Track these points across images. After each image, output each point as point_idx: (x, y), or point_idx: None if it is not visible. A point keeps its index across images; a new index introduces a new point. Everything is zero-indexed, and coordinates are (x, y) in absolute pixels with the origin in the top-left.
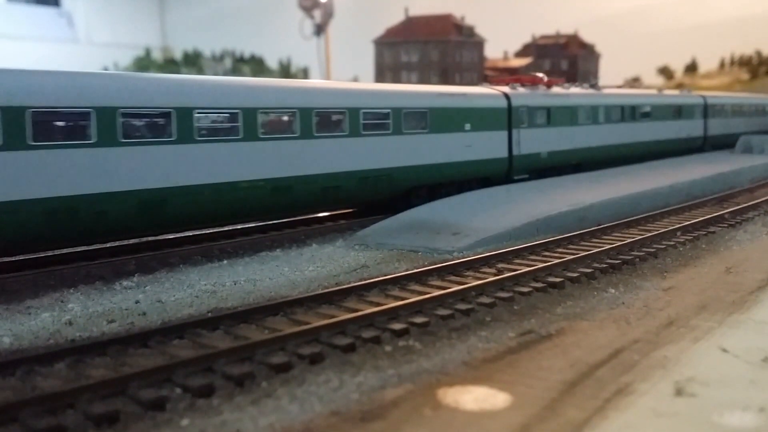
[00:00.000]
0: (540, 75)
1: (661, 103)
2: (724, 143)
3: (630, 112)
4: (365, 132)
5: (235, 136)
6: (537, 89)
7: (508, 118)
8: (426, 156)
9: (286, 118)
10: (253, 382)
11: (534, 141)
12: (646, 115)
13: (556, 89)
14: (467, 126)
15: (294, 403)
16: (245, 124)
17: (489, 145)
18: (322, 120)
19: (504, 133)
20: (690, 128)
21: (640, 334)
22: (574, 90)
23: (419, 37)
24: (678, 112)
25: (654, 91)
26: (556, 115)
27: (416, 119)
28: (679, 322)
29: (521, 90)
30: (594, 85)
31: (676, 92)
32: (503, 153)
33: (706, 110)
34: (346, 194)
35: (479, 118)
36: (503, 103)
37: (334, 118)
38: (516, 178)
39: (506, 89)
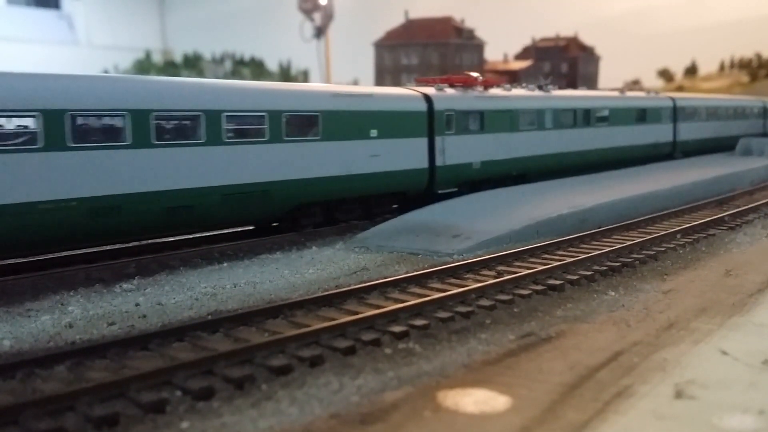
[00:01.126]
0: (475, 74)
1: (621, 106)
2: (699, 149)
3: (584, 117)
4: (230, 140)
5: (34, 144)
6: (470, 90)
7: (429, 123)
8: (317, 168)
9: (114, 123)
10: (253, 385)
11: (463, 149)
12: (603, 120)
13: (494, 91)
14: (373, 132)
15: (294, 406)
16: (48, 130)
17: (403, 155)
18: (165, 125)
19: (423, 141)
20: (656, 133)
21: (640, 336)
22: (518, 92)
23: (419, 39)
24: (642, 115)
25: (615, 93)
26: (491, 120)
27: (304, 124)
28: (678, 324)
29: (449, 92)
30: (542, 87)
31: (641, 94)
32: (422, 163)
33: (676, 113)
34: (202, 215)
35: (389, 123)
36: (422, 107)
37: (186, 122)
38: (440, 192)
39: (428, 90)
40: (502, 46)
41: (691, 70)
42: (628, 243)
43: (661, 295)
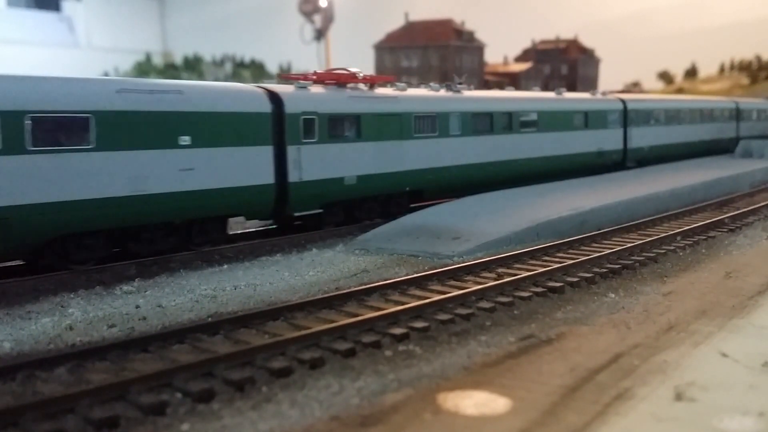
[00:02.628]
0: (355, 70)
1: (554, 110)
2: (656, 158)
3: (504, 121)
4: None
5: None
6: (345, 89)
7: (278, 128)
8: (89, 187)
9: None
10: (253, 387)
11: (331, 162)
12: (530, 125)
13: (381, 90)
14: (184, 139)
15: (294, 408)
16: None
17: (233, 169)
18: None
19: (267, 151)
20: (601, 140)
21: (640, 338)
22: (414, 92)
23: (419, 41)
24: (583, 120)
25: (551, 95)
26: (372, 126)
27: (67, 130)
28: (679, 326)
29: (314, 90)
30: (450, 86)
31: (584, 95)
32: (265, 179)
33: (627, 117)
34: None
35: (211, 127)
36: (263, 107)
37: None
38: (297, 215)
39: (279, 88)
40: (502, 49)
41: (691, 73)
42: (628, 245)
43: (661, 297)
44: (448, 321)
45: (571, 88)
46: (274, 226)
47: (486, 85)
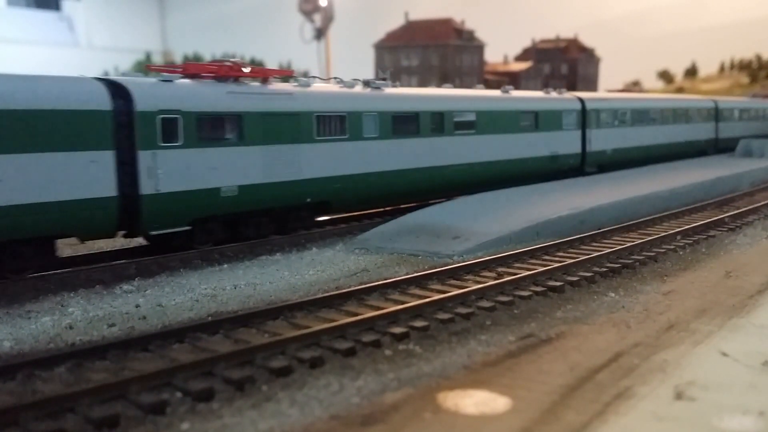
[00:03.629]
0: (239, 61)
1: (496, 109)
2: (621, 162)
3: (434, 122)
4: None
5: None
6: (225, 84)
7: (125, 130)
8: None
9: None
10: (253, 386)
11: (202, 170)
12: (466, 126)
13: (277, 86)
14: None
15: (294, 407)
16: None
17: (57, 179)
18: None
19: (105, 157)
20: (555, 143)
21: (640, 337)
22: (319, 88)
23: (419, 41)
24: (533, 120)
25: (494, 93)
26: (258, 127)
27: None
28: (679, 326)
29: (180, 85)
30: (369, 82)
31: (535, 94)
32: (104, 190)
33: (586, 118)
34: None
35: (25, 129)
36: (100, 104)
37: None
38: (153, 234)
39: (129, 80)
40: (502, 48)
41: (691, 72)
42: (628, 244)
43: (661, 296)
44: (448, 320)
45: (572, 87)
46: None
47: (486, 84)
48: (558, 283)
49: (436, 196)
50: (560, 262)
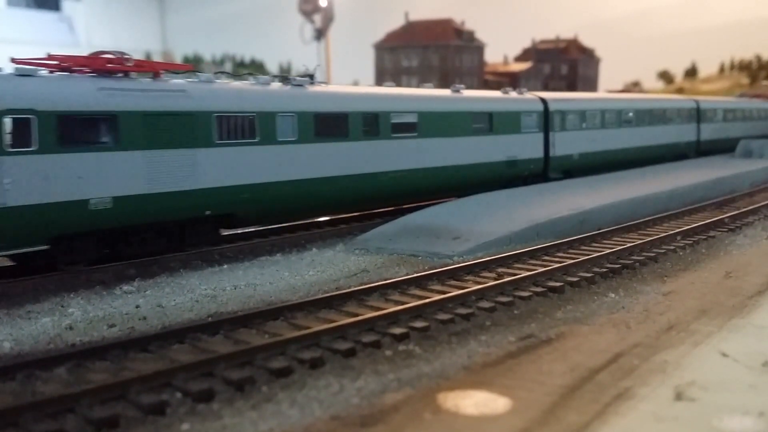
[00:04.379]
0: (118, 53)
1: (442, 110)
2: (590, 168)
3: (366, 124)
4: None
5: None
6: (101, 79)
7: None
8: None
9: None
10: (253, 387)
11: (65, 179)
12: (406, 129)
13: (171, 82)
14: None
15: (294, 408)
16: None
17: None
18: None
19: None
20: (513, 147)
21: (640, 338)
22: (223, 85)
23: (419, 41)
24: (486, 122)
25: (443, 92)
26: (139, 129)
27: None
28: (679, 326)
29: (37, 79)
30: (290, 79)
31: (490, 94)
32: None
33: (549, 119)
34: None
35: None
36: None
37: None
38: (1, 254)
39: None
40: (502, 48)
41: (691, 72)
42: (628, 245)
43: (661, 297)
44: (448, 321)
45: (572, 87)
46: (251, 229)
47: (486, 85)
48: (558, 284)
49: (372, 206)
50: (560, 262)
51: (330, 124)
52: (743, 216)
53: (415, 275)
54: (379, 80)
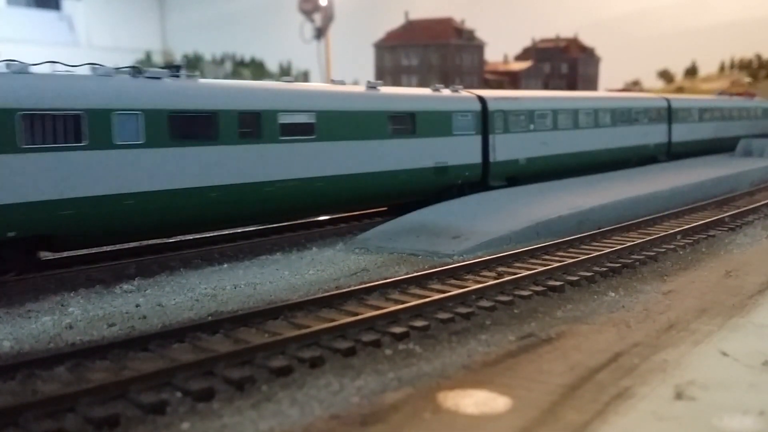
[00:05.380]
0: None
1: (348, 110)
2: (545, 173)
3: (244, 126)
4: None
5: None
6: None
7: None
8: None
9: None
10: (253, 386)
11: None
12: (301, 131)
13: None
14: None
15: (294, 407)
16: None
17: None
18: None
19: None
20: (443, 152)
21: (640, 337)
22: (41, 76)
23: (419, 40)
24: (409, 124)
25: (353, 89)
26: None
27: None
28: (679, 325)
29: None
30: (139, 70)
31: (414, 91)
32: None
33: (488, 121)
34: None
35: None
36: None
37: None
38: None
39: None
40: (502, 47)
41: (692, 71)
42: (628, 244)
43: (661, 296)
44: (448, 320)
45: (572, 86)
46: (252, 228)
47: (486, 84)
48: (558, 283)
49: (256, 221)
50: (560, 261)
51: (192, 125)
52: (743, 215)
53: (415, 274)
54: (380, 79)
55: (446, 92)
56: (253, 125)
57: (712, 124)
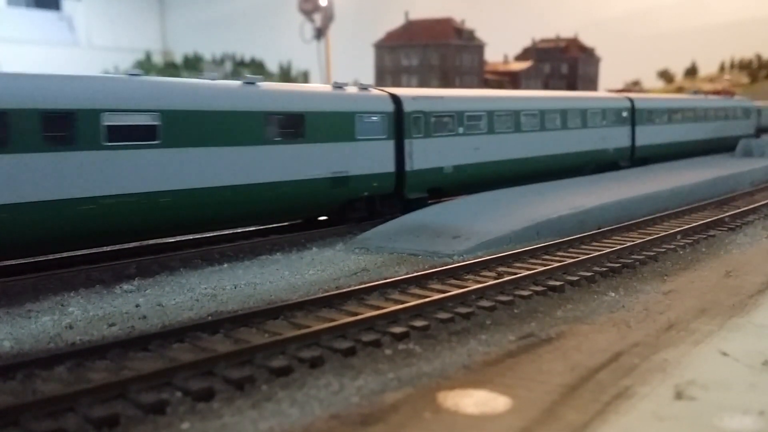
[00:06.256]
0: None
1: (209, 109)
2: (475, 183)
3: (52, 127)
4: None
5: None
6: None
7: None
8: None
9: None
10: (253, 386)
11: None
12: (135, 135)
13: None
14: None
15: (294, 407)
16: None
17: None
18: None
19: None
20: (342, 160)
21: (640, 337)
22: None
23: (419, 40)
24: (296, 127)
25: (228, 84)
26: None
27: None
28: (679, 325)
29: None
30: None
31: (312, 88)
32: None
33: (403, 123)
34: None
35: None
36: None
37: None
38: None
39: None
40: (502, 47)
41: (691, 71)
42: (629, 244)
43: (661, 296)
44: (448, 320)
45: (572, 87)
46: (252, 228)
47: (486, 84)
48: (558, 283)
49: (70, 246)
50: (560, 261)
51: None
52: (743, 215)
53: (415, 274)
54: (379, 79)
55: (350, 90)
56: (65, 128)
57: (684, 125)
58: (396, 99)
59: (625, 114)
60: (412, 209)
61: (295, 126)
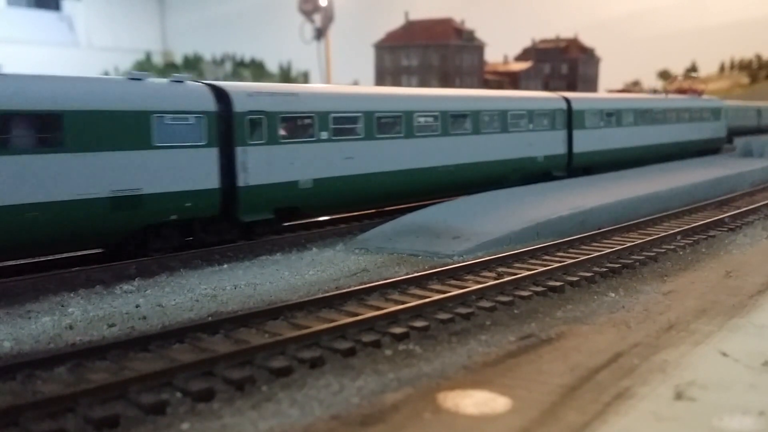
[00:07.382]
0: None
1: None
2: (395, 195)
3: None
4: None
5: None
6: None
7: None
8: None
9: None
10: (253, 386)
11: None
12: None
13: None
14: None
15: (294, 407)
16: None
17: None
18: None
19: None
20: (137, 176)
21: (640, 338)
22: None
23: (420, 41)
24: (88, 132)
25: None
26: None
27: None
28: (679, 326)
29: None
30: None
31: (130, 82)
32: None
33: (233, 124)
34: None
35: None
36: None
37: None
38: None
39: None
40: (502, 48)
41: (691, 71)
42: (628, 244)
43: (661, 296)
44: (448, 320)
45: (572, 87)
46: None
47: (486, 84)
48: (558, 283)
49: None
50: (560, 262)
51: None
52: (743, 215)
53: (415, 275)
54: (380, 80)
55: (151, 83)
56: None
57: (636, 129)
58: (222, 95)
59: (559, 116)
60: (255, 234)
61: (50, 130)
